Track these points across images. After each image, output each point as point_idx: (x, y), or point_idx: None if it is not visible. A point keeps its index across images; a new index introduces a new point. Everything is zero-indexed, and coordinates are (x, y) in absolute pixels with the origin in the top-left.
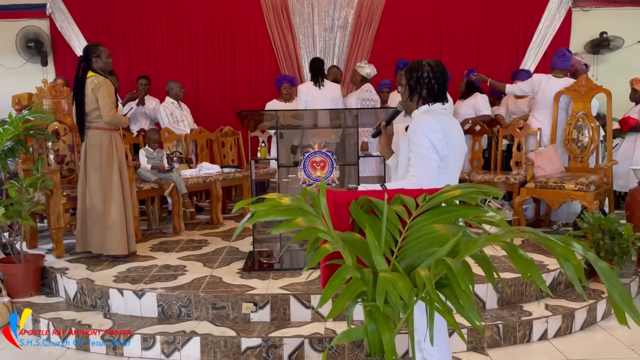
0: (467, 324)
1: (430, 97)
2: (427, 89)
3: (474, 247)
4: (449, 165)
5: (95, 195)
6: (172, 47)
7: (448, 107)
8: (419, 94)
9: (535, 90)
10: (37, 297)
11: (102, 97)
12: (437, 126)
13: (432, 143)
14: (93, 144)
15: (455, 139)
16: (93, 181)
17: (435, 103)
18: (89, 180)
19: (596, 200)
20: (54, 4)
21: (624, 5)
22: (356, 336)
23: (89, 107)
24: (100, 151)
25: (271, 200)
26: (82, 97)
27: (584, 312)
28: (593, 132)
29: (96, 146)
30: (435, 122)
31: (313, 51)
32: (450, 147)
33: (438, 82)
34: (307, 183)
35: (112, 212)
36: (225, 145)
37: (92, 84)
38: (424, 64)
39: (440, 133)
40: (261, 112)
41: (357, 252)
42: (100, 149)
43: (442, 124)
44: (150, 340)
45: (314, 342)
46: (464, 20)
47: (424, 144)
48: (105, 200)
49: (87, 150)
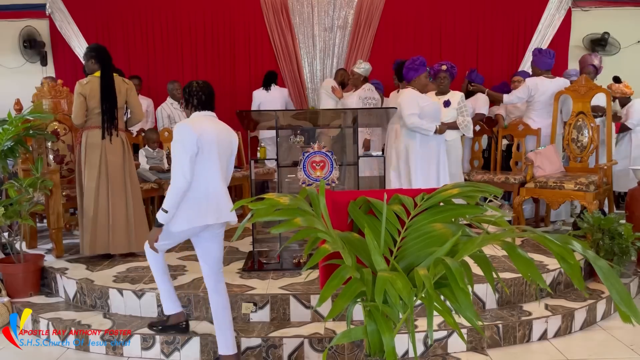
0: (467, 324)
1: (199, 106)
2: (197, 100)
3: (472, 246)
4: (204, 160)
5: (119, 195)
6: (171, 47)
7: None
8: (191, 104)
9: (532, 93)
10: (37, 297)
11: (135, 99)
12: (188, 129)
13: (183, 144)
14: (116, 144)
15: (209, 138)
16: (116, 182)
17: (203, 111)
18: (114, 182)
19: (596, 200)
20: (54, 4)
21: (624, 5)
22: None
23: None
24: (123, 151)
25: (270, 200)
26: (114, 96)
27: (584, 312)
28: (593, 132)
29: (119, 146)
30: (187, 126)
31: (313, 51)
32: (204, 144)
33: (204, 94)
34: (307, 183)
35: (130, 211)
36: None
37: (125, 85)
38: (193, 82)
39: (193, 135)
40: (261, 112)
41: (356, 252)
42: (123, 149)
43: (198, 126)
44: (150, 340)
45: (313, 342)
46: (464, 20)
47: (175, 145)
48: (120, 199)
49: (109, 150)
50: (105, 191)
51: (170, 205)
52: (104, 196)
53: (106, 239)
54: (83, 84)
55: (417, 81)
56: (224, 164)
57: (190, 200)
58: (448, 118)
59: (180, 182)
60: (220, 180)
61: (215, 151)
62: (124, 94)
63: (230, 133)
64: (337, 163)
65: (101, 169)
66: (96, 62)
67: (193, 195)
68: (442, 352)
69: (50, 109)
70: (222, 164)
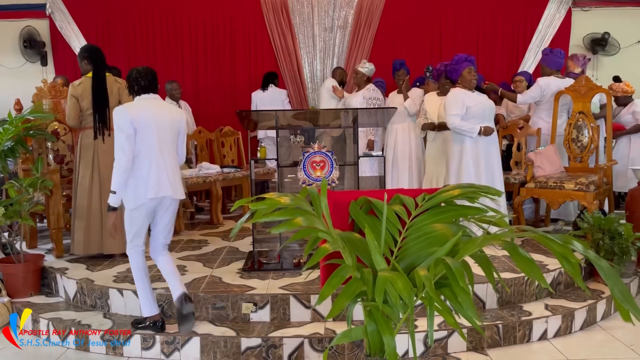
0: (467, 324)
1: (141, 91)
2: (137, 86)
3: (473, 246)
4: (142, 139)
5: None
6: (172, 47)
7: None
8: (133, 90)
9: (545, 93)
10: (37, 297)
11: (128, 98)
12: (123, 112)
13: (119, 126)
14: (109, 144)
15: (147, 119)
16: (108, 182)
17: (144, 94)
18: (107, 182)
19: (596, 200)
20: (54, 4)
21: (624, 5)
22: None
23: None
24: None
25: (270, 200)
26: (106, 96)
27: (584, 312)
28: (593, 132)
29: (112, 146)
30: (123, 110)
31: (313, 51)
32: (141, 125)
33: (144, 80)
34: (307, 183)
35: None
36: (225, 145)
37: (117, 84)
38: (133, 70)
39: (127, 117)
40: (261, 112)
41: (356, 251)
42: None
43: (135, 109)
44: (150, 340)
45: (313, 342)
46: (464, 21)
47: (115, 128)
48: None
49: (102, 150)
50: (98, 191)
51: (117, 185)
52: (97, 196)
53: (99, 239)
54: (75, 85)
55: (461, 79)
56: (168, 142)
57: (134, 178)
58: None
59: (121, 160)
60: (160, 157)
61: (153, 130)
62: (116, 94)
63: (173, 112)
64: (337, 163)
65: (94, 169)
66: (89, 62)
67: (136, 174)
68: (442, 352)
69: (50, 109)
70: (163, 142)
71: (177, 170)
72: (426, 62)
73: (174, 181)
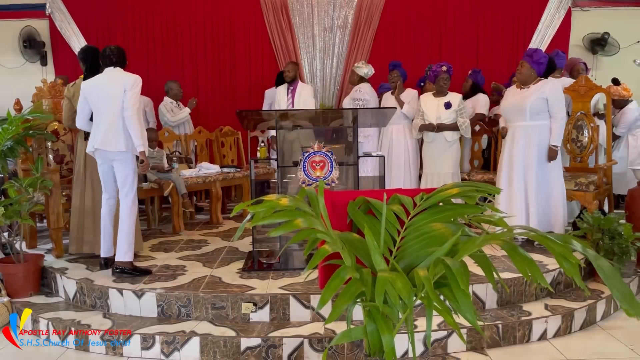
0: (467, 324)
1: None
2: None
3: (472, 246)
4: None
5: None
6: (171, 47)
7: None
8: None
9: None
10: (37, 297)
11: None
12: (85, 85)
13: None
14: None
15: (95, 89)
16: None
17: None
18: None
19: (595, 200)
20: (54, 4)
21: (623, 5)
22: (355, 336)
23: None
24: None
25: (270, 202)
26: None
27: (584, 312)
28: (592, 132)
29: None
30: (84, 83)
31: (313, 51)
32: (90, 95)
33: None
34: (307, 183)
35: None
36: (225, 145)
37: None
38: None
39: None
40: (261, 112)
41: (356, 252)
42: None
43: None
44: (150, 340)
45: (313, 342)
46: (464, 21)
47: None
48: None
49: None
50: (91, 192)
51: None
52: (89, 197)
53: (92, 239)
54: (69, 87)
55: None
56: (115, 104)
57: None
58: (449, 119)
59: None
60: (106, 116)
61: (102, 97)
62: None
63: (117, 80)
64: (337, 163)
65: (87, 170)
66: (83, 64)
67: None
68: (442, 352)
69: (50, 109)
70: (109, 106)
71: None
72: (426, 62)
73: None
